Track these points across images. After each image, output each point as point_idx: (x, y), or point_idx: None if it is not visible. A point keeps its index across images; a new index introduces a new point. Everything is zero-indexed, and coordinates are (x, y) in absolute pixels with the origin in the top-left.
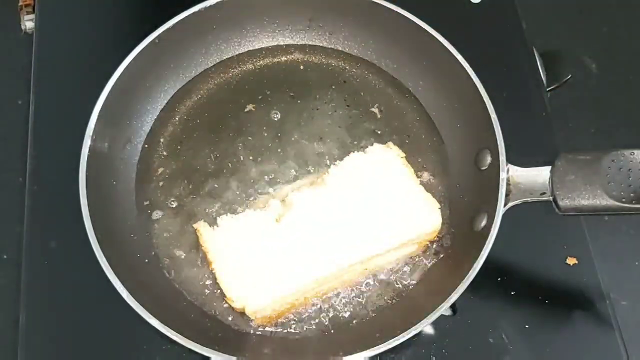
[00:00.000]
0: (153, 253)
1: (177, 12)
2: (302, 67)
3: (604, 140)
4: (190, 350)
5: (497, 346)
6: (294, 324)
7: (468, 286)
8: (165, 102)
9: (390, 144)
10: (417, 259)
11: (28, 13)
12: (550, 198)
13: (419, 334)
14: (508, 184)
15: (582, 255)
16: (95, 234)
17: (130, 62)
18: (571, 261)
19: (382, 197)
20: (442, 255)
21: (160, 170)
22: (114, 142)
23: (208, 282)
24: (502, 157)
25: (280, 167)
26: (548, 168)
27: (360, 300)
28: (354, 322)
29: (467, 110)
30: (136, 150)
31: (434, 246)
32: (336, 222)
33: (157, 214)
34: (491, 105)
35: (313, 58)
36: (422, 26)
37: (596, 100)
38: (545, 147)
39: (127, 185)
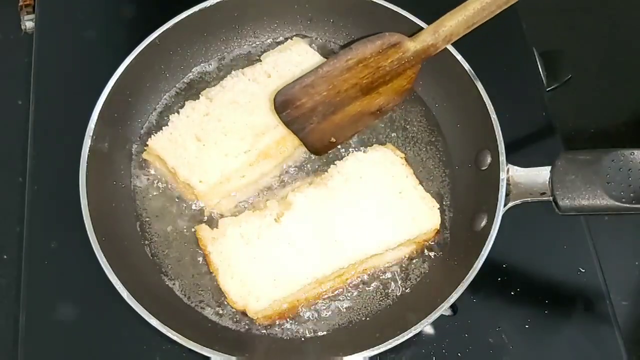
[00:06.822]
0: (153, 253)
1: (177, 12)
2: None
3: (604, 140)
4: (190, 350)
5: (497, 346)
6: (294, 324)
7: (468, 286)
8: (165, 102)
9: (389, 144)
10: (416, 259)
11: (28, 13)
12: (550, 198)
13: (419, 334)
14: (508, 184)
15: (583, 255)
16: (95, 234)
17: (130, 62)
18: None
19: (381, 197)
20: (441, 255)
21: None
22: (114, 142)
23: (208, 282)
24: (502, 157)
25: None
26: (548, 168)
27: (360, 300)
28: (353, 322)
29: (467, 110)
30: (136, 150)
31: (434, 246)
32: (336, 222)
33: (157, 215)
34: (491, 105)
35: None
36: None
37: (596, 100)
38: (545, 147)
39: (127, 185)
